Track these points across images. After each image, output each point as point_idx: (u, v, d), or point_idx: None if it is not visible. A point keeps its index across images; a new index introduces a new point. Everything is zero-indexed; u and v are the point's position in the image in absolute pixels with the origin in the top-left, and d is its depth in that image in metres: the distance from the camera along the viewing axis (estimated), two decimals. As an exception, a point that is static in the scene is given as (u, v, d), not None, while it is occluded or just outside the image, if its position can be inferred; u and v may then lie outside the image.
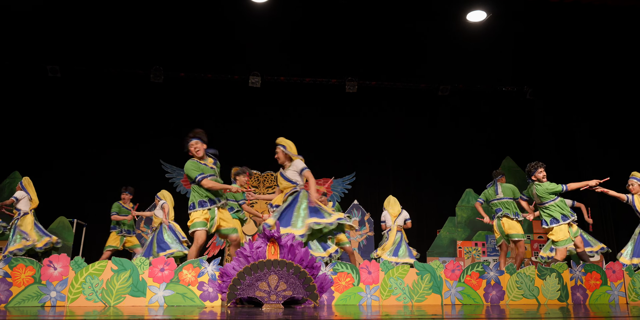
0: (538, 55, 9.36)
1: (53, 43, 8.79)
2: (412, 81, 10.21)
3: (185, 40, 8.92)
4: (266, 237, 4.47)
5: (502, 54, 9.22)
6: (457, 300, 5.03)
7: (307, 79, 10.05)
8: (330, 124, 10.27)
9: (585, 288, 5.33)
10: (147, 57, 9.32)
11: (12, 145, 9.21)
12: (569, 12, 8.13)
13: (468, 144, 10.43)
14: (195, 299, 4.58)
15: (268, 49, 9.12)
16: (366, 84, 10.15)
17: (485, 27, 8.61)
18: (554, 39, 8.85)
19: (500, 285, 5.14)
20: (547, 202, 6.08)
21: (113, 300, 4.45)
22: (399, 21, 8.60)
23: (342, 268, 4.96)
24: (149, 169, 9.61)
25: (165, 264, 4.63)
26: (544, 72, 9.88)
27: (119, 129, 9.64)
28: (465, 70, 9.83)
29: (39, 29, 8.39)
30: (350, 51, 9.32)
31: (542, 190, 6.09)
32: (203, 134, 5.30)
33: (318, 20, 8.59)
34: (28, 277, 4.41)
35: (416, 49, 9.21)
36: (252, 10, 8.25)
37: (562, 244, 5.96)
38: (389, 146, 10.34)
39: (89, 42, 8.79)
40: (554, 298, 5.21)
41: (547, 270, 5.27)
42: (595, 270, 5.41)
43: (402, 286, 4.99)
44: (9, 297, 4.35)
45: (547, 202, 6.08)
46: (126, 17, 8.23)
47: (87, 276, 4.47)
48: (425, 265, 5.11)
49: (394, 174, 10.31)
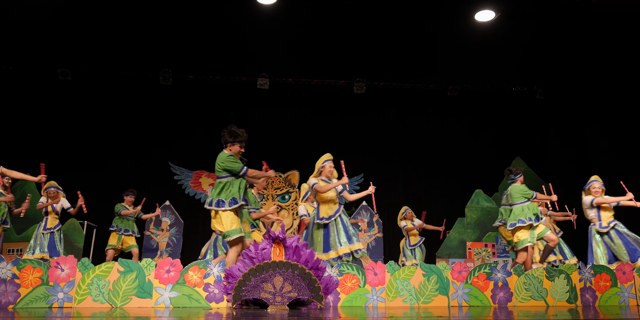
0: (547, 55, 9.27)
1: (64, 47, 8.86)
2: (420, 82, 10.17)
3: (193, 43, 8.94)
4: (271, 239, 4.47)
5: (511, 53, 9.13)
6: (464, 302, 5.00)
7: (315, 80, 10.05)
8: (338, 125, 10.26)
9: (595, 289, 5.27)
10: (156, 59, 9.36)
11: (23, 147, 9.30)
12: (578, 11, 8.05)
13: (477, 144, 10.37)
14: (201, 300, 4.60)
15: (276, 51, 9.12)
16: (374, 85, 10.13)
17: (494, 27, 8.55)
18: (563, 38, 8.75)
19: (508, 286, 5.10)
20: (516, 203, 6.39)
21: (120, 302, 4.48)
22: (407, 21, 8.56)
23: (348, 269, 4.95)
24: (158, 171, 9.66)
25: (171, 266, 4.65)
26: (553, 72, 9.78)
27: (128, 132, 9.70)
28: (474, 71, 9.76)
29: (50, 33, 8.47)
30: (358, 52, 9.29)
31: (516, 191, 6.41)
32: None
33: (325, 21, 8.57)
34: (36, 278, 4.45)
35: (424, 49, 9.16)
36: (259, 11, 8.26)
37: (520, 244, 6.23)
38: (398, 147, 10.30)
39: (98, 45, 8.85)
40: (563, 300, 5.16)
41: (556, 272, 5.22)
42: (605, 272, 5.35)
43: (409, 288, 4.96)
44: (17, 298, 4.39)
45: (516, 204, 6.39)
46: (135, 20, 8.27)
47: (94, 277, 4.50)
48: (432, 266, 5.08)
49: (402, 175, 10.28)
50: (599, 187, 6.49)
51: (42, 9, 7.83)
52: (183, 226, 9.53)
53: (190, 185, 9.79)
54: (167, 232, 9.40)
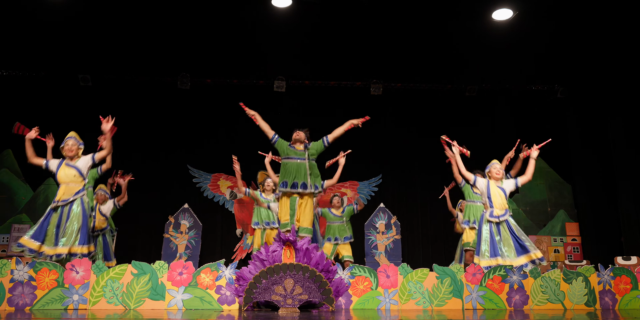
0: (568, 52, 9.09)
1: (84, 53, 9.04)
2: (438, 82, 10.07)
3: (210, 47, 9.03)
4: (282, 241, 4.48)
5: (530, 52, 8.99)
6: (478, 305, 4.92)
7: (332, 82, 10.03)
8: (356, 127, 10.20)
9: (615, 292, 5.14)
10: (174, 64, 9.48)
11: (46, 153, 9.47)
12: (598, 5, 7.87)
13: (497, 144, 10.18)
14: (213, 302, 4.63)
15: (292, 53, 9.15)
16: (391, 86, 10.07)
17: (512, 26, 8.42)
18: (583, 34, 8.57)
19: (523, 289, 5.01)
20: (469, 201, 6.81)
21: (133, 304, 4.54)
22: (423, 21, 8.48)
23: (360, 272, 4.93)
24: (176, 173, 9.76)
25: (184, 268, 4.69)
26: (575, 70, 9.59)
27: (147, 136, 9.81)
28: (493, 70, 9.62)
29: (70, 40, 8.65)
30: (374, 53, 9.25)
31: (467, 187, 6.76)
32: None
33: (341, 22, 8.55)
34: (52, 280, 4.54)
35: (441, 49, 9.07)
36: (275, 14, 8.28)
37: (466, 246, 6.47)
38: (416, 148, 10.20)
39: (118, 51, 9.01)
40: (581, 303, 5.04)
41: (574, 274, 5.11)
42: (625, 274, 5.21)
43: (422, 290, 4.92)
44: (34, 300, 4.48)
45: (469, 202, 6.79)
46: (152, 25, 8.39)
47: (107, 280, 4.57)
48: (446, 268, 5.03)
49: (420, 176, 10.18)
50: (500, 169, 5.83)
51: (63, 15, 8.00)
52: (202, 229, 9.60)
53: (208, 187, 9.86)
54: (186, 235, 9.49)
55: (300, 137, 5.68)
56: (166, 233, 9.46)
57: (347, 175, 10.16)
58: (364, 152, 10.05)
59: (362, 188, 10.09)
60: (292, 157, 5.62)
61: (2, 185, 9.43)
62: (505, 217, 5.46)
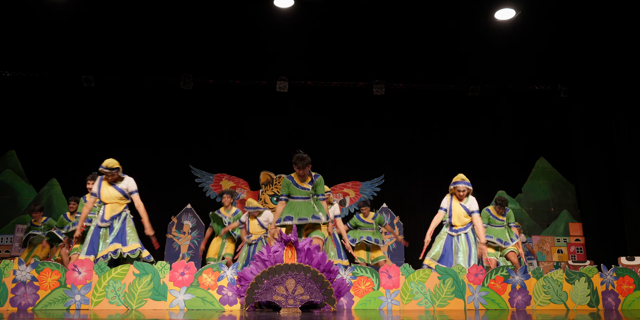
0: (571, 52, 9.07)
1: (88, 54, 9.07)
2: (441, 82, 10.06)
3: (213, 47, 9.05)
4: (283, 242, 4.47)
5: (532, 52, 8.97)
6: (480, 305, 4.91)
7: (334, 83, 10.03)
8: (358, 127, 10.22)
9: (618, 293, 5.12)
10: (177, 65, 9.49)
11: (49, 153, 9.53)
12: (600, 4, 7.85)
13: (500, 144, 10.19)
14: (214, 302, 4.63)
15: (295, 54, 9.16)
16: (394, 86, 10.06)
17: (514, 25, 8.41)
18: (586, 34, 8.55)
19: (526, 289, 5.00)
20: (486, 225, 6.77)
21: (135, 304, 4.55)
22: (426, 21, 8.48)
23: (362, 272, 4.92)
24: (179, 174, 9.77)
25: (186, 268, 4.70)
26: (577, 69, 9.56)
27: (150, 136, 9.83)
28: (495, 70, 9.61)
29: (73, 41, 8.68)
30: (376, 53, 9.25)
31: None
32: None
33: (343, 22, 8.56)
34: (54, 281, 4.55)
35: (444, 49, 9.07)
36: (277, 15, 8.30)
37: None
38: (418, 148, 10.20)
39: (121, 52, 9.04)
40: (584, 303, 5.03)
41: (576, 275, 5.09)
42: (628, 275, 5.19)
43: (424, 291, 4.91)
44: (36, 300, 4.49)
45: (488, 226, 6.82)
46: (155, 26, 8.42)
47: (110, 280, 4.58)
48: (448, 269, 5.02)
49: (423, 176, 10.16)
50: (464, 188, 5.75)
51: (66, 16, 8.03)
52: (204, 229, 9.60)
53: (211, 188, 9.87)
54: (189, 235, 9.51)
55: (305, 173, 5.21)
56: (169, 233, 9.47)
57: (350, 176, 10.18)
58: (367, 152, 10.07)
59: (364, 188, 10.08)
60: (297, 197, 5.22)
61: (6, 186, 9.46)
62: (466, 230, 5.65)
